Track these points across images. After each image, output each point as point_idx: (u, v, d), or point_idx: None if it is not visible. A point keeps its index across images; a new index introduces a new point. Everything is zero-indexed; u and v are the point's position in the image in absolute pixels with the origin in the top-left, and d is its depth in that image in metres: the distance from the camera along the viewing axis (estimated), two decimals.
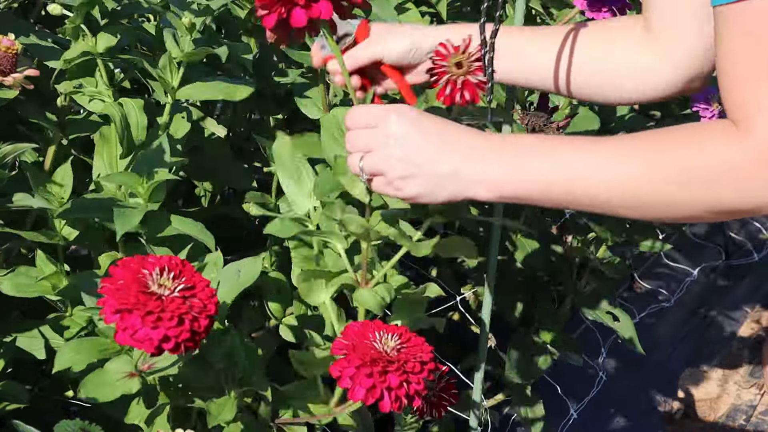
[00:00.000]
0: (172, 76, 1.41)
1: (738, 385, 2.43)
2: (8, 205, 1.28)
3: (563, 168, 0.97)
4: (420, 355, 1.10)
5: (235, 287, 1.22)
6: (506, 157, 1.00)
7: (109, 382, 1.12)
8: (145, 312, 0.96)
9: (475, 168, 1.00)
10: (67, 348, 1.15)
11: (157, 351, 0.98)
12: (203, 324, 0.99)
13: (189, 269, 1.02)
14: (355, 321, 1.15)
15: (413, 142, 1.01)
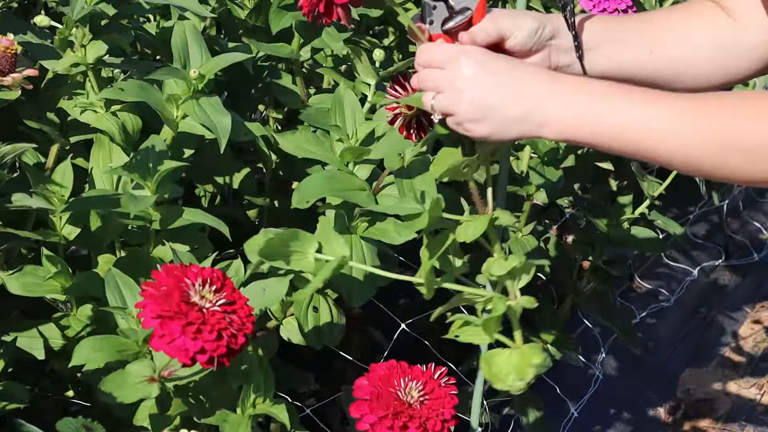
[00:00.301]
0: (176, 110, 1.37)
1: (738, 385, 2.43)
2: (7, 205, 1.28)
3: (635, 119, 0.98)
4: (442, 411, 1.11)
5: (259, 304, 1.22)
6: (578, 99, 1.00)
7: (130, 384, 1.12)
8: (186, 322, 0.97)
9: (545, 110, 1.00)
10: (86, 344, 1.15)
11: (191, 362, 0.98)
12: (240, 342, 1.00)
13: (230, 284, 1.03)
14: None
15: (483, 85, 1.01)
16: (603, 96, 1.00)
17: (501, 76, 1.01)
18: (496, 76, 1.01)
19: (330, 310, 1.49)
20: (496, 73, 1.02)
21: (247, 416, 1.18)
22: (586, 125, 1.00)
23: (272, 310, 1.51)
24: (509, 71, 1.02)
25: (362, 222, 1.35)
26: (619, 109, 0.99)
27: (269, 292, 1.23)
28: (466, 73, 1.01)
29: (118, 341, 1.15)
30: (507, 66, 1.03)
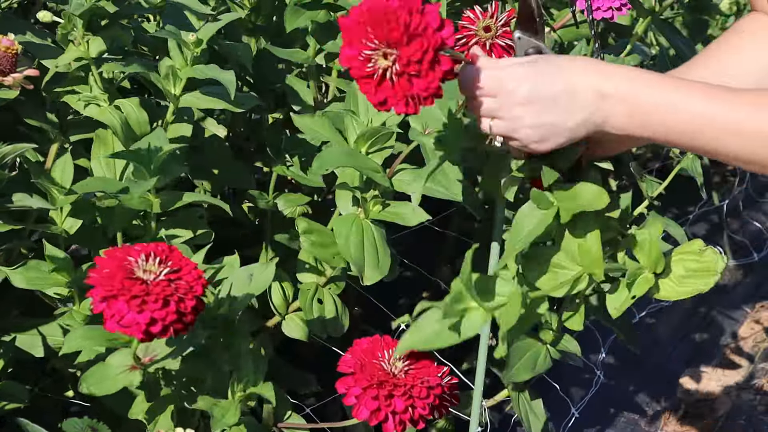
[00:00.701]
0: (175, 85, 1.40)
1: (738, 385, 2.43)
2: (8, 205, 1.28)
3: (692, 111, 0.98)
4: (427, 379, 1.10)
5: (247, 291, 1.22)
6: (636, 90, 0.99)
7: (111, 376, 1.12)
8: (129, 297, 0.97)
9: (604, 110, 1.00)
10: (77, 333, 1.15)
11: (146, 336, 0.99)
12: (189, 305, 1.00)
13: (176, 254, 1.03)
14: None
15: (539, 109, 1.00)
16: (661, 87, 1.00)
17: (555, 93, 1.00)
18: (551, 94, 1.00)
19: (335, 303, 1.50)
20: (547, 91, 1.00)
21: (237, 400, 1.17)
22: (648, 124, 1.00)
23: (275, 304, 1.51)
24: (564, 83, 1.00)
25: (375, 204, 1.36)
26: (682, 103, 0.99)
27: (256, 279, 1.23)
28: (519, 100, 1.01)
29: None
30: (560, 78, 1.01)
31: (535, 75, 1.00)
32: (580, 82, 1.00)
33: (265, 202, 1.61)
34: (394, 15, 0.86)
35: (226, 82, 1.34)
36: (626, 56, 1.80)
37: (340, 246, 1.32)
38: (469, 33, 1.18)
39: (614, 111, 1.00)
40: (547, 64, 1.01)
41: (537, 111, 1.00)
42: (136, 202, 1.28)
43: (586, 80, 1.00)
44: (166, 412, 1.19)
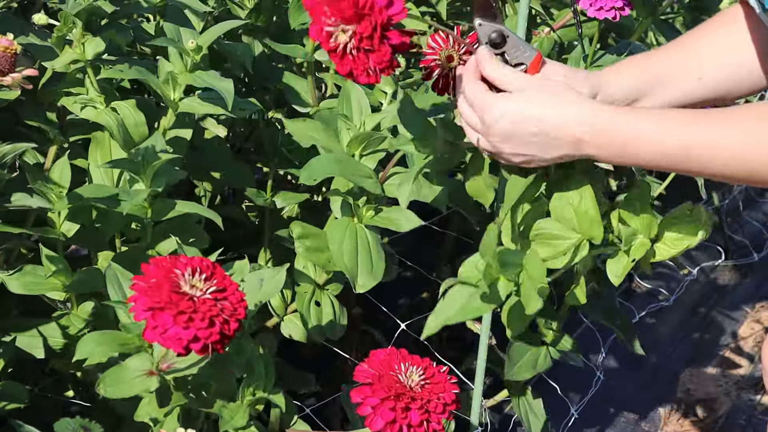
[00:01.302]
0: (174, 90, 1.39)
1: (738, 385, 2.43)
2: (6, 205, 1.28)
3: (687, 137, 1.01)
4: (443, 395, 1.10)
5: (258, 297, 1.22)
6: (610, 135, 1.04)
7: (128, 379, 1.12)
8: (177, 311, 0.97)
9: (580, 150, 1.05)
10: (90, 338, 1.15)
11: (185, 351, 0.98)
12: (233, 327, 1.00)
13: (220, 272, 1.03)
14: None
15: (517, 142, 1.07)
16: (637, 118, 1.04)
17: (529, 134, 1.06)
18: (525, 135, 1.06)
19: (332, 305, 1.50)
20: (523, 132, 1.06)
21: (246, 404, 1.17)
22: (625, 159, 1.05)
23: (273, 306, 1.51)
24: (535, 127, 1.05)
25: (368, 210, 1.36)
26: (669, 135, 1.02)
27: (267, 285, 1.23)
28: (498, 134, 1.07)
29: (120, 335, 1.15)
30: (532, 122, 1.05)
31: (514, 114, 1.06)
32: (554, 130, 1.05)
33: (263, 200, 1.61)
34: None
35: (224, 91, 1.33)
36: (626, 56, 1.80)
37: (333, 253, 1.32)
38: (433, 63, 1.19)
39: (594, 152, 1.05)
40: (527, 101, 1.06)
41: (515, 145, 1.07)
42: (128, 210, 1.28)
43: (560, 128, 1.05)
44: (173, 415, 1.18)
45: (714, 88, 1.17)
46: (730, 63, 1.16)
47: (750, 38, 1.15)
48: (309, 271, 1.51)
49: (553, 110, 1.05)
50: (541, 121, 1.05)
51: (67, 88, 1.43)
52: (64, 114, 1.49)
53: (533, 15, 1.93)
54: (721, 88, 1.17)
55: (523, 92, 1.06)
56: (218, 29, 1.39)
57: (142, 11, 1.49)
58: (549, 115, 1.05)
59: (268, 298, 1.22)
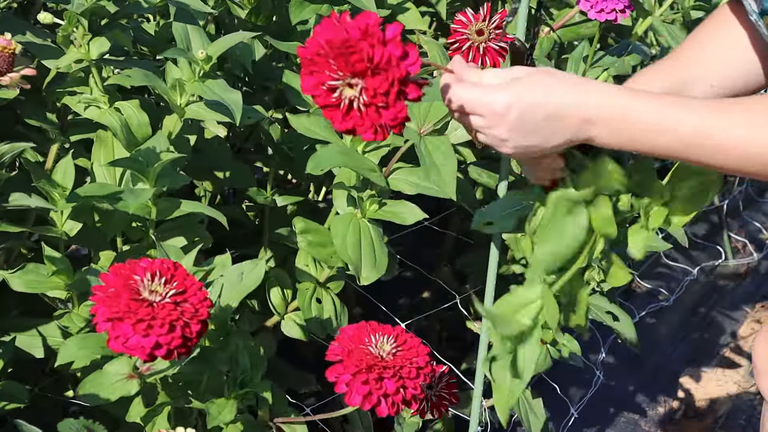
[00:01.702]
0: (181, 96, 1.39)
1: (738, 385, 2.43)
2: (5, 204, 1.28)
3: (686, 122, 0.99)
4: (416, 359, 1.09)
5: (239, 291, 1.22)
6: (619, 113, 1.01)
7: (108, 384, 1.12)
8: (135, 320, 0.96)
9: (587, 132, 1.02)
10: (72, 342, 1.15)
11: (149, 358, 0.98)
12: (195, 329, 0.99)
13: (181, 272, 1.02)
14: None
15: (524, 132, 1.02)
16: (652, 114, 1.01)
17: (537, 121, 1.02)
18: (533, 122, 1.02)
19: (333, 303, 1.50)
20: (531, 119, 1.02)
21: (233, 398, 1.17)
22: (632, 143, 1.02)
23: (274, 304, 1.51)
24: (542, 112, 1.02)
25: (372, 203, 1.36)
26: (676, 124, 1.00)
27: (247, 278, 1.22)
28: (506, 125, 1.02)
29: (103, 339, 1.14)
30: (539, 107, 1.02)
31: (520, 101, 1.02)
32: (563, 110, 1.01)
33: (263, 198, 1.61)
34: (357, 48, 0.84)
35: (232, 104, 1.33)
36: (626, 56, 1.80)
37: (337, 246, 1.32)
38: (461, 37, 1.18)
39: (597, 132, 1.02)
40: (531, 87, 1.02)
41: (521, 136, 1.03)
42: (133, 209, 1.27)
43: (568, 107, 1.01)
44: (163, 414, 1.18)
45: (725, 93, 1.17)
46: (736, 68, 1.17)
47: (750, 43, 1.16)
48: (310, 268, 1.51)
49: (563, 92, 1.02)
50: (549, 104, 1.02)
51: (71, 87, 1.43)
52: (64, 113, 1.49)
53: (533, 15, 1.93)
54: (734, 88, 1.17)
55: (521, 80, 1.03)
56: (229, 40, 1.38)
57: (142, 11, 1.49)
58: (557, 98, 1.02)
59: (249, 291, 1.22)
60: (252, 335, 1.51)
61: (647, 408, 2.34)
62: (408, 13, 1.77)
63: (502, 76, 1.04)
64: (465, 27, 1.19)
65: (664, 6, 1.74)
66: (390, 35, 0.85)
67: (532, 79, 1.03)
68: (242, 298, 1.23)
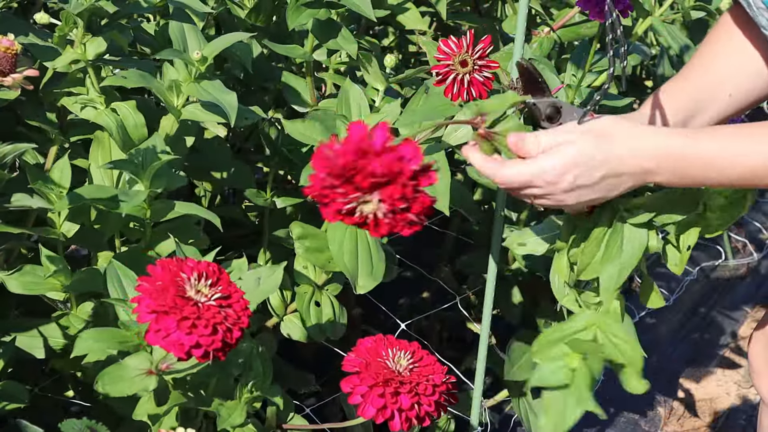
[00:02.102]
0: (177, 97, 1.39)
1: (738, 385, 2.43)
2: (6, 205, 1.28)
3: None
4: (432, 376, 1.10)
5: (256, 295, 1.22)
6: (680, 160, 1.03)
7: (127, 378, 1.12)
8: (181, 317, 0.97)
9: (646, 180, 1.05)
10: (88, 335, 1.15)
11: (186, 356, 0.98)
12: (235, 336, 1.00)
13: (225, 278, 1.02)
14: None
15: (583, 192, 1.04)
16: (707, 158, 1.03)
17: (594, 180, 1.04)
18: (591, 182, 1.04)
19: (332, 306, 1.50)
20: (588, 180, 1.04)
21: (243, 402, 1.17)
22: (692, 182, 1.05)
23: (273, 306, 1.51)
24: (600, 171, 1.03)
25: None
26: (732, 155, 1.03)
27: (264, 284, 1.22)
28: (562, 189, 1.04)
29: (119, 333, 1.14)
30: (596, 169, 1.03)
31: (574, 166, 1.03)
32: (619, 166, 1.03)
33: (263, 200, 1.61)
34: (358, 169, 0.84)
35: (227, 105, 1.33)
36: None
37: (333, 253, 1.32)
38: (445, 69, 1.17)
39: (660, 179, 1.04)
40: (584, 150, 1.03)
41: (580, 195, 1.04)
42: (126, 211, 1.27)
43: (623, 162, 1.03)
44: (171, 414, 1.18)
45: (745, 99, 1.19)
46: (751, 76, 1.18)
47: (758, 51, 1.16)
48: (309, 271, 1.51)
49: (616, 148, 1.03)
50: (606, 162, 1.03)
51: (68, 87, 1.43)
52: (64, 114, 1.49)
53: (533, 15, 1.93)
54: (751, 96, 1.19)
55: (573, 143, 1.04)
56: (224, 40, 1.38)
57: (142, 11, 1.49)
58: (612, 154, 1.03)
59: (265, 296, 1.22)
60: (252, 336, 1.51)
61: (647, 408, 2.33)
62: (408, 13, 1.77)
63: (557, 139, 1.04)
64: (448, 58, 1.18)
65: (664, 6, 1.74)
66: (379, 143, 0.84)
67: (585, 143, 1.04)
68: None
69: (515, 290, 1.94)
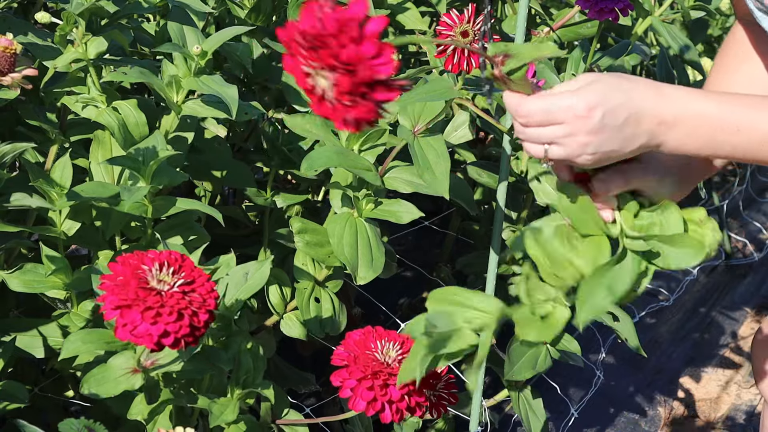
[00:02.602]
0: (177, 93, 1.39)
1: (738, 385, 2.43)
2: (6, 204, 1.28)
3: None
4: None
5: (244, 290, 1.22)
6: (696, 111, 1.01)
7: (112, 378, 1.12)
8: (144, 307, 0.97)
9: (662, 136, 1.01)
10: (76, 337, 1.15)
11: (157, 347, 0.98)
12: (203, 319, 1.00)
13: (189, 264, 1.02)
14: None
15: (606, 136, 0.99)
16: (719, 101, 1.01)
17: (620, 122, 1.00)
18: (617, 123, 0.99)
19: (332, 302, 1.50)
20: (615, 120, 0.99)
21: (236, 398, 1.17)
22: (708, 144, 1.02)
23: (273, 304, 1.51)
24: (625, 111, 1.00)
25: (368, 203, 1.36)
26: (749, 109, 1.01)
27: (252, 278, 1.22)
28: (591, 128, 0.99)
29: (107, 333, 1.15)
30: (622, 106, 1.00)
31: (605, 101, 0.99)
32: (641, 112, 1.00)
33: (263, 200, 1.61)
34: (328, 43, 0.81)
35: (228, 98, 1.33)
36: (626, 56, 1.80)
37: (333, 246, 1.32)
38: (446, 40, 1.18)
39: (673, 136, 1.01)
40: (612, 88, 1.00)
41: (603, 140, 0.99)
42: (128, 208, 1.28)
43: (645, 109, 1.00)
44: (165, 412, 1.19)
45: None
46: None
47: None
48: (308, 268, 1.51)
49: (641, 94, 1.00)
50: (630, 106, 0.99)
51: (69, 87, 1.43)
52: (64, 113, 1.49)
53: (533, 15, 1.93)
54: None
55: (600, 81, 1.00)
56: (223, 35, 1.39)
57: (142, 11, 1.49)
58: (637, 100, 0.99)
59: (254, 291, 1.22)
60: (252, 335, 1.51)
61: (647, 408, 2.34)
62: (408, 13, 1.77)
63: (574, 83, 1.01)
64: (450, 29, 1.19)
65: (664, 6, 1.74)
66: (368, 32, 0.81)
67: (610, 81, 1.00)
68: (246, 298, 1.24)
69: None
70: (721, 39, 3.46)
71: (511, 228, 1.77)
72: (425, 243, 2.38)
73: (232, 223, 1.77)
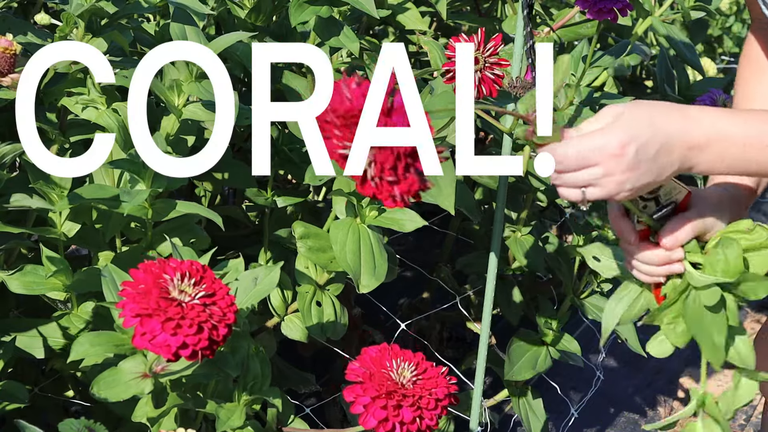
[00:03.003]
0: (178, 97, 1.39)
1: None
2: (6, 205, 1.28)
3: None
4: (435, 390, 1.10)
5: (252, 295, 1.22)
6: (725, 134, 1.02)
7: (122, 382, 1.12)
8: (165, 318, 0.96)
9: (693, 160, 1.02)
10: (84, 339, 1.15)
11: (174, 357, 0.98)
12: (222, 333, 1.00)
13: (210, 275, 1.02)
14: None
15: (643, 170, 1.00)
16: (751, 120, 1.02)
17: (653, 154, 1.00)
18: (650, 156, 1.00)
19: (333, 306, 1.50)
20: (648, 153, 1.00)
21: (242, 404, 1.17)
22: (737, 165, 1.03)
23: (274, 306, 1.51)
24: (656, 143, 1.00)
25: (371, 210, 1.36)
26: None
27: (261, 283, 1.22)
28: (626, 165, 0.99)
29: (116, 336, 1.14)
30: (652, 138, 1.00)
31: (636, 135, 0.99)
32: (670, 141, 1.00)
33: (263, 200, 1.61)
34: (360, 117, 0.79)
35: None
36: (626, 56, 1.80)
37: (336, 253, 1.32)
38: (455, 67, 1.18)
39: (704, 158, 1.01)
40: (638, 122, 0.99)
41: (639, 174, 0.99)
42: (128, 211, 1.27)
43: (673, 138, 1.00)
44: (170, 415, 1.18)
45: None
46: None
47: None
48: (310, 271, 1.51)
49: (666, 123, 1.00)
50: (658, 138, 0.99)
51: (69, 88, 1.43)
52: (64, 114, 1.49)
53: (533, 15, 1.93)
54: None
55: (624, 116, 0.99)
56: (225, 40, 1.38)
57: (142, 11, 1.49)
58: (664, 130, 0.99)
59: (263, 296, 1.22)
60: (252, 336, 1.51)
61: (647, 408, 2.34)
62: (408, 13, 1.77)
63: (599, 120, 1.01)
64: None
65: (664, 6, 1.74)
66: (396, 104, 0.79)
67: (636, 112, 1.00)
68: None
69: (515, 290, 1.94)
70: (721, 39, 3.46)
71: (511, 228, 1.78)
72: (425, 243, 2.38)
73: (232, 224, 1.77)
